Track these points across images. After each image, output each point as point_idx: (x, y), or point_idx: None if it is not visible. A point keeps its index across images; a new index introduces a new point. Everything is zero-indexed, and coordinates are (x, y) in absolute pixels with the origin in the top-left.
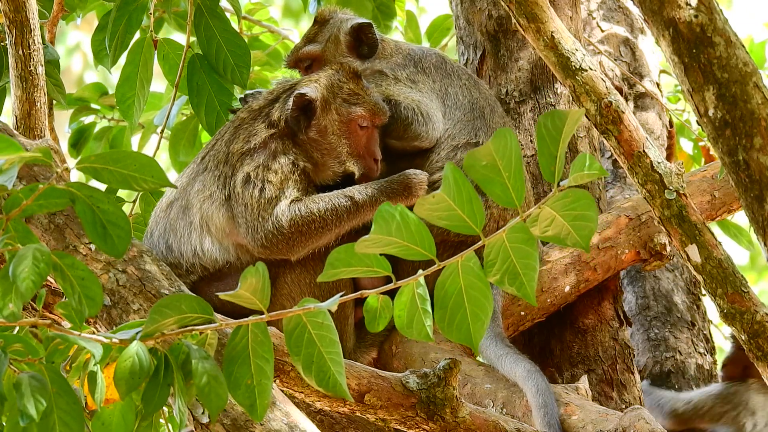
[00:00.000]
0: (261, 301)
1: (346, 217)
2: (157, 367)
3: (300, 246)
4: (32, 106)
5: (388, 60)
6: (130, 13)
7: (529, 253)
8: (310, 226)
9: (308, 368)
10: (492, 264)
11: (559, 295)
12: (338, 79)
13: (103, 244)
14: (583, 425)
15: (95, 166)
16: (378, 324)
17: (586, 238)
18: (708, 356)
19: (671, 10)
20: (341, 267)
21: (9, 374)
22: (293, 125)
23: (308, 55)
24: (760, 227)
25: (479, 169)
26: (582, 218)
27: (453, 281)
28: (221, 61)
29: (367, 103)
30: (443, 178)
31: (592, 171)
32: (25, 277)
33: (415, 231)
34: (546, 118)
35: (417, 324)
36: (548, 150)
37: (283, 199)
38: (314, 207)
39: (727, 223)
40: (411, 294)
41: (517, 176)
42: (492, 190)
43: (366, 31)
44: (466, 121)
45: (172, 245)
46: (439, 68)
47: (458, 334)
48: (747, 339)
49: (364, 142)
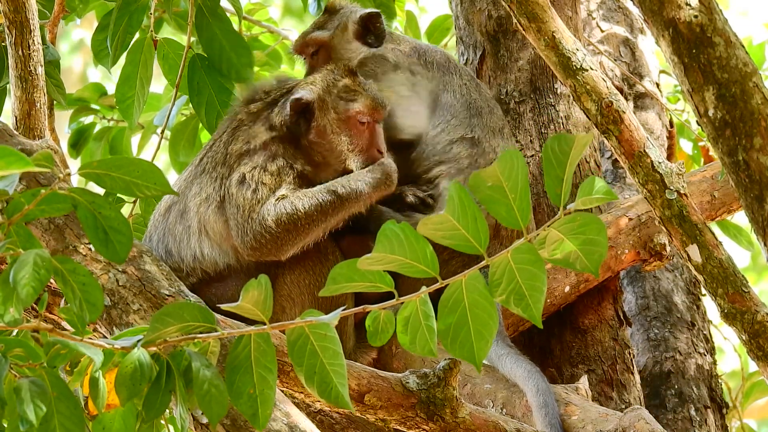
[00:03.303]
0: (263, 312)
1: (332, 212)
2: (159, 373)
3: (288, 244)
4: (32, 107)
5: (393, 47)
6: (130, 13)
7: (535, 274)
8: (296, 222)
9: (310, 378)
10: (497, 284)
11: (559, 296)
12: (333, 78)
13: (105, 250)
14: (583, 425)
15: (97, 171)
16: (380, 338)
17: (595, 263)
18: (708, 356)
19: (671, 10)
20: (343, 282)
21: (9, 379)
22: (294, 130)
23: (315, 40)
24: (760, 227)
25: (484, 189)
26: (591, 243)
27: (457, 298)
28: (224, 61)
29: (364, 98)
30: (448, 198)
31: (601, 195)
32: (25, 283)
33: (418, 248)
34: (553, 142)
35: (420, 340)
36: (555, 173)
37: (271, 199)
38: (299, 203)
39: (727, 224)
40: (414, 310)
41: (523, 198)
42: (497, 211)
43: (374, 21)
44: (462, 117)
45: (172, 249)
46: (441, 65)
47: (461, 352)
48: (747, 339)
49: (367, 137)
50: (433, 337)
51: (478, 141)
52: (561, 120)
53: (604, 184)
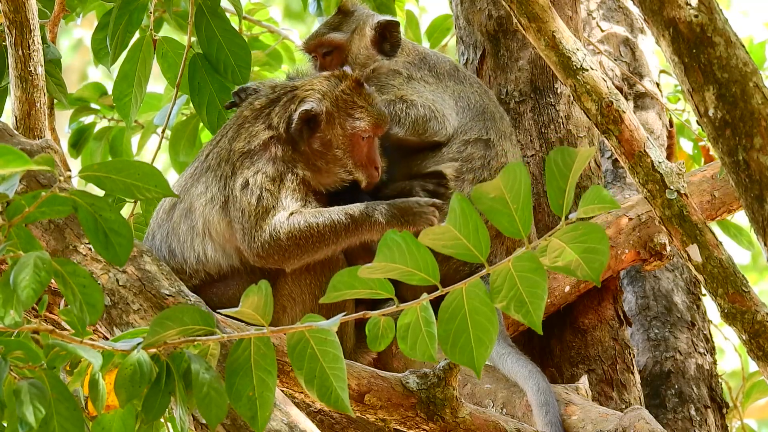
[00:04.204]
0: (263, 317)
1: (344, 235)
2: (159, 375)
3: (295, 258)
4: (32, 107)
5: (404, 60)
6: (130, 12)
7: (536, 282)
8: (308, 240)
9: (310, 382)
10: (498, 291)
11: (559, 295)
12: (342, 91)
13: (105, 252)
14: (583, 425)
15: (98, 174)
16: (379, 344)
17: (596, 271)
18: (708, 356)
19: (671, 10)
20: (344, 289)
21: (9, 380)
22: (296, 136)
23: (332, 42)
24: (760, 227)
25: (487, 201)
26: (593, 251)
27: (457, 305)
28: (221, 61)
29: (371, 116)
30: (450, 209)
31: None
32: (25, 285)
33: (419, 256)
34: (556, 154)
35: (420, 346)
36: (557, 184)
37: (281, 210)
38: (313, 221)
39: (727, 223)
40: (414, 317)
41: (524, 208)
42: (499, 221)
43: (392, 29)
44: (476, 120)
45: (175, 250)
46: (452, 75)
47: (461, 358)
48: (748, 339)
49: (366, 152)
50: (434, 343)
51: (492, 143)
52: (561, 120)
53: (607, 194)
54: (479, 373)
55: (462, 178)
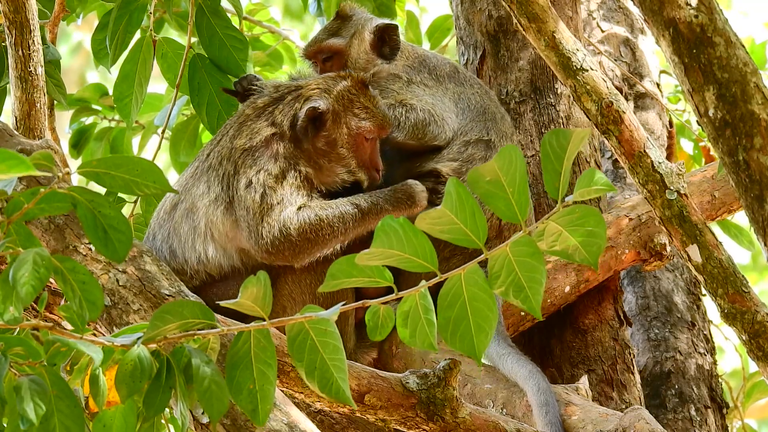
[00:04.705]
0: (263, 308)
1: (352, 225)
2: (159, 370)
3: (306, 253)
4: (32, 107)
5: (404, 63)
6: (130, 12)
7: (534, 266)
8: (318, 233)
9: (311, 374)
10: (497, 276)
11: (559, 295)
12: (348, 91)
13: (104, 249)
14: (584, 425)
15: (97, 170)
16: (379, 333)
17: (594, 254)
18: (708, 356)
19: (671, 10)
20: (343, 278)
21: (10, 377)
22: (300, 134)
23: (331, 48)
24: (760, 227)
25: (483, 184)
26: (591, 235)
27: (456, 292)
28: (224, 59)
29: (375, 118)
30: (445, 193)
31: (599, 186)
32: (25, 282)
33: (416, 243)
34: (551, 136)
35: (420, 334)
36: (553, 167)
37: (289, 206)
38: (323, 214)
39: (727, 223)
40: (413, 304)
41: (521, 192)
42: (496, 205)
43: (391, 33)
44: (477, 121)
45: (176, 250)
46: (452, 77)
47: (461, 345)
48: (748, 339)
49: (368, 153)
50: (433, 330)
51: (492, 144)
52: (561, 120)
53: (603, 176)
54: (480, 360)
55: (462, 179)
